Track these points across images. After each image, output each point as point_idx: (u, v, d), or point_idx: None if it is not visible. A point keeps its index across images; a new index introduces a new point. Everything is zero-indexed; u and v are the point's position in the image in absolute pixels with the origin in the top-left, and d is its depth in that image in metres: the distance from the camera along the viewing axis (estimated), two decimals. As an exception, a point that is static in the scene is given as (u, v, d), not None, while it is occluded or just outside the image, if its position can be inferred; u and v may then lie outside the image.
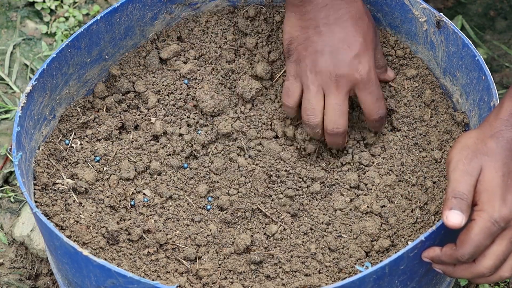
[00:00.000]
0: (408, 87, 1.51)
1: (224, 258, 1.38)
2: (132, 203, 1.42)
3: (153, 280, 1.33)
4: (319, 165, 1.45)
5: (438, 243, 1.21)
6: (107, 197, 1.41)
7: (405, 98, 1.50)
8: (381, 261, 1.34)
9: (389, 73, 1.50)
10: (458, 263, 1.18)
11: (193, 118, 1.49)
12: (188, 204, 1.43)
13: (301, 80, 1.41)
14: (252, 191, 1.44)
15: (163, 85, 1.52)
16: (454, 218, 1.15)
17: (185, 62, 1.54)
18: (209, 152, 1.48)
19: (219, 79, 1.53)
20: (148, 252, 1.37)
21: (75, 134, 1.47)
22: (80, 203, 1.40)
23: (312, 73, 1.39)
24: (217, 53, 1.54)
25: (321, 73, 1.39)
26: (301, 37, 1.41)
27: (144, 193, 1.43)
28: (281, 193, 1.44)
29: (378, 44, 1.46)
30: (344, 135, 1.41)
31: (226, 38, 1.55)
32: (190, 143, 1.47)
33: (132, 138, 1.48)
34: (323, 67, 1.38)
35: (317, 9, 1.40)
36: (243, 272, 1.36)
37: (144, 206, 1.42)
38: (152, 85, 1.52)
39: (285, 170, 1.45)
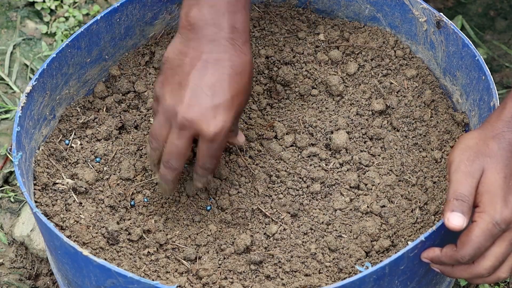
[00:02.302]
0: (408, 87, 1.51)
1: (224, 258, 1.38)
2: (132, 203, 1.42)
3: (153, 280, 1.33)
4: (319, 165, 1.45)
5: (438, 243, 1.21)
6: (107, 197, 1.41)
7: (405, 98, 1.50)
8: (381, 261, 1.34)
9: (239, 137, 1.37)
10: (457, 264, 1.18)
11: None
12: (188, 204, 1.43)
13: (158, 102, 1.31)
14: (252, 191, 1.44)
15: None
16: (455, 220, 1.15)
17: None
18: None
19: None
20: (148, 252, 1.37)
21: (75, 134, 1.47)
22: (80, 203, 1.40)
23: (167, 102, 1.28)
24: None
25: (173, 106, 1.27)
26: (176, 61, 1.29)
27: (144, 193, 1.43)
28: (281, 193, 1.44)
29: (243, 108, 1.33)
30: (174, 177, 1.32)
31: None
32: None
33: (132, 138, 1.48)
34: (178, 101, 1.27)
35: (203, 40, 1.28)
36: (243, 272, 1.36)
37: (144, 206, 1.42)
38: (152, 85, 1.52)
39: (285, 170, 1.45)
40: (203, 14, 1.28)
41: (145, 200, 1.42)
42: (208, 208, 1.43)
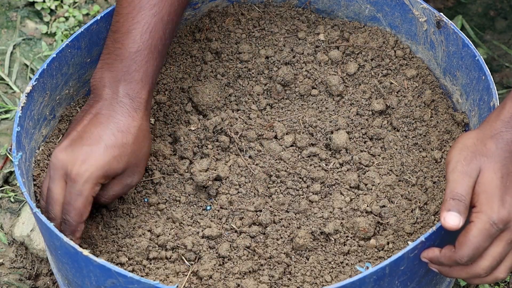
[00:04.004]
0: (408, 87, 1.51)
1: (224, 258, 1.37)
2: (132, 203, 1.42)
3: (153, 280, 1.32)
4: (319, 165, 1.45)
5: (438, 244, 1.21)
6: (107, 197, 1.41)
7: (405, 98, 1.50)
8: (381, 261, 1.34)
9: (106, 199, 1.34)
10: (456, 265, 1.18)
11: (192, 119, 1.49)
12: (188, 204, 1.43)
13: None
14: (252, 191, 1.44)
15: (162, 84, 1.52)
16: (451, 219, 1.15)
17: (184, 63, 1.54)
18: (209, 153, 1.47)
19: (219, 79, 1.53)
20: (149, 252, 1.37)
21: (75, 134, 1.47)
22: (80, 203, 1.40)
23: (52, 153, 1.32)
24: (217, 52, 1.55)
25: (53, 153, 1.31)
26: (74, 119, 1.36)
27: (144, 193, 1.43)
28: (281, 193, 1.43)
29: (118, 168, 1.31)
30: (58, 227, 1.27)
31: (229, 37, 1.56)
32: (189, 143, 1.47)
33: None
34: (56, 148, 1.31)
35: (98, 99, 1.34)
36: (243, 272, 1.36)
37: (144, 206, 1.42)
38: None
39: (285, 170, 1.45)
40: (103, 78, 1.34)
41: (145, 200, 1.42)
42: (208, 208, 1.43)
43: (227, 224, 1.41)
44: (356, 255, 1.37)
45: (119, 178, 1.32)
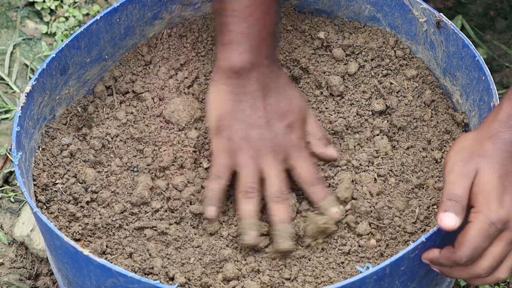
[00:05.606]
0: (408, 87, 1.51)
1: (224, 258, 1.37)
2: (132, 203, 1.42)
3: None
4: (319, 165, 1.45)
5: (439, 244, 1.21)
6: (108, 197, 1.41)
7: (405, 98, 1.50)
8: (381, 261, 1.34)
9: (329, 150, 1.43)
10: (456, 265, 1.18)
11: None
12: (188, 204, 1.43)
13: (234, 157, 1.37)
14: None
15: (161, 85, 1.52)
16: (448, 220, 1.15)
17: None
18: (208, 153, 1.47)
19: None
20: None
21: (75, 134, 1.47)
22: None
23: (247, 148, 1.36)
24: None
25: (256, 146, 1.36)
26: (233, 112, 1.38)
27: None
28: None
29: (311, 115, 1.43)
30: (288, 204, 1.36)
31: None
32: (190, 143, 1.47)
33: (132, 138, 1.48)
34: (258, 140, 1.36)
35: (250, 82, 1.37)
36: (243, 272, 1.36)
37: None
38: (151, 85, 1.52)
39: (285, 170, 1.45)
40: None
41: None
42: (208, 208, 1.43)
43: (227, 226, 1.41)
44: (357, 255, 1.37)
45: None
